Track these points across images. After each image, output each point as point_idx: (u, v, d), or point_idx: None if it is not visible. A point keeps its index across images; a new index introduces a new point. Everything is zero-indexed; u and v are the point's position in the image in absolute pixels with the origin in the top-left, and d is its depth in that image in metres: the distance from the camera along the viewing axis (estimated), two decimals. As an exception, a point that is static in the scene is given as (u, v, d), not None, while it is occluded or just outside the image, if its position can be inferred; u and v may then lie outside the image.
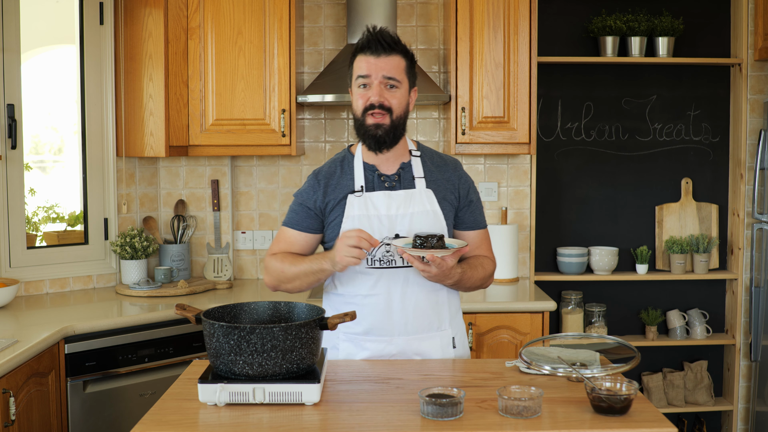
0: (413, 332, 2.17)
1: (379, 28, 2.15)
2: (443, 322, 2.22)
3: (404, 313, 2.15)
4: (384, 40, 2.12)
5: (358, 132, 2.17)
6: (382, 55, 2.12)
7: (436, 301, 2.19)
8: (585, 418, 1.70)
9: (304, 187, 2.24)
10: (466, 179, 2.27)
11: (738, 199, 3.74)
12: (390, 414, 1.74)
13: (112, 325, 2.91)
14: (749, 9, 3.61)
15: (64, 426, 2.76)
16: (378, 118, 2.11)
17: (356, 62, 2.16)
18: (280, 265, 2.17)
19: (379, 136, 2.13)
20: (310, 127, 3.80)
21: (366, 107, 2.12)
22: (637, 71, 3.81)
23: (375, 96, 2.11)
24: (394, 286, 2.15)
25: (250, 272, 3.84)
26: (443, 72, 3.71)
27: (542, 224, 3.83)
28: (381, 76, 2.11)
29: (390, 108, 2.12)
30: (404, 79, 2.15)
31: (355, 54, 2.17)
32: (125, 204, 3.60)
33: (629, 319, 3.89)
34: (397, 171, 2.21)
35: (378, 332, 2.16)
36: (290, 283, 2.18)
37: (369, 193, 2.16)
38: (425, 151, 2.28)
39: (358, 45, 2.16)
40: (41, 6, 3.46)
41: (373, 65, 2.12)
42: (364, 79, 2.13)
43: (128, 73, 3.44)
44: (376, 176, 2.19)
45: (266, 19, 3.41)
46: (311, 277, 2.14)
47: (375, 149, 2.16)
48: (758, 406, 3.67)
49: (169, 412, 1.76)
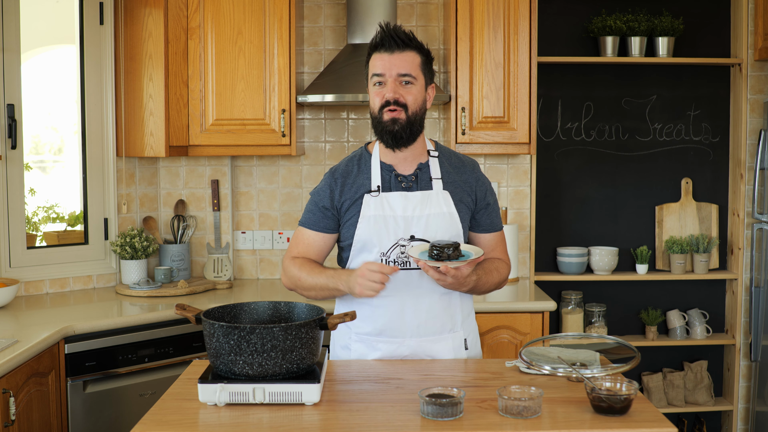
0: (425, 334, 2.17)
1: (393, 25, 2.13)
2: (456, 324, 2.21)
3: (417, 315, 2.15)
4: (398, 37, 2.10)
5: (376, 130, 2.15)
6: (396, 51, 2.10)
7: (449, 303, 2.18)
8: (585, 418, 1.71)
9: (321, 185, 2.22)
10: (484, 181, 2.25)
11: (738, 199, 3.74)
12: (390, 414, 1.74)
13: (112, 325, 2.91)
14: (749, 9, 3.61)
15: (64, 426, 2.76)
16: (393, 113, 2.09)
17: (371, 61, 2.15)
18: (297, 273, 2.17)
19: (395, 131, 2.10)
20: (310, 127, 3.80)
21: (382, 104, 2.11)
22: (637, 71, 3.81)
23: (390, 93, 2.09)
24: (408, 288, 2.14)
25: (250, 272, 3.84)
26: (443, 72, 3.71)
27: (542, 224, 3.83)
28: (395, 74, 2.09)
29: (405, 104, 2.10)
30: (419, 75, 2.13)
31: (370, 53, 2.16)
32: (125, 204, 3.60)
33: (629, 319, 3.89)
34: (414, 171, 2.19)
35: (390, 333, 2.16)
36: (306, 291, 2.20)
37: (385, 194, 2.14)
38: (443, 151, 2.25)
39: (372, 43, 2.14)
40: (41, 6, 3.46)
41: (387, 62, 2.10)
42: (379, 77, 2.11)
43: (128, 73, 3.44)
44: (393, 176, 2.17)
45: (266, 19, 3.41)
46: (326, 292, 2.15)
47: (392, 146, 2.13)
48: (758, 406, 3.67)
49: (169, 412, 1.76)
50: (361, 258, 2.15)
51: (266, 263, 3.83)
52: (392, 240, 2.12)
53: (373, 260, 2.13)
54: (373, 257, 2.13)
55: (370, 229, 2.12)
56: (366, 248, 2.14)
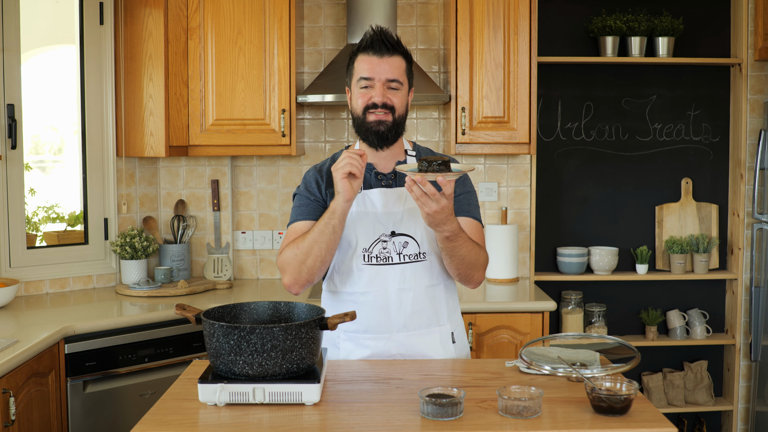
0: (412, 328, 2.18)
1: (381, 28, 2.16)
2: (441, 318, 2.22)
3: (402, 310, 2.16)
4: (388, 41, 2.14)
5: (358, 130, 2.18)
6: (385, 55, 2.13)
7: (433, 297, 2.19)
8: (585, 418, 1.70)
9: (307, 181, 2.25)
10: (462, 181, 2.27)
11: (738, 199, 3.74)
12: (390, 414, 1.74)
13: (112, 325, 2.91)
14: (749, 9, 3.61)
15: (64, 426, 2.76)
16: (380, 116, 2.14)
17: (358, 62, 2.17)
18: (293, 247, 2.11)
19: (381, 132, 2.14)
20: (310, 127, 3.80)
21: (368, 105, 2.14)
22: (637, 71, 3.81)
23: (378, 96, 2.13)
24: (391, 283, 2.15)
25: (250, 272, 3.84)
26: (443, 72, 3.71)
27: (542, 224, 3.83)
28: (384, 78, 2.13)
29: (393, 107, 2.14)
30: (405, 80, 2.18)
31: (356, 53, 2.18)
32: (125, 204, 3.60)
33: (629, 319, 3.89)
34: (393, 170, 2.22)
35: (377, 329, 2.17)
36: (309, 256, 2.09)
37: (366, 191, 2.18)
38: (420, 150, 2.31)
39: (360, 44, 2.17)
40: (41, 6, 3.46)
41: (376, 67, 2.13)
42: (367, 81, 2.14)
43: (128, 73, 3.44)
44: (373, 174, 2.21)
45: (266, 19, 3.41)
46: (326, 231, 2.06)
47: (377, 146, 2.17)
48: (758, 406, 3.67)
49: (169, 412, 1.76)
50: (344, 254, 2.17)
51: (266, 263, 3.83)
52: (374, 235, 2.14)
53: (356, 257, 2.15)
54: (356, 254, 2.15)
55: (353, 224, 2.15)
56: (349, 244, 2.16)
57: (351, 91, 2.20)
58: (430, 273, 2.18)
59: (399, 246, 2.15)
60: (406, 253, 2.15)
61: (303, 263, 2.09)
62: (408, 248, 2.15)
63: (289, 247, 2.13)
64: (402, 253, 2.15)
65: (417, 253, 2.16)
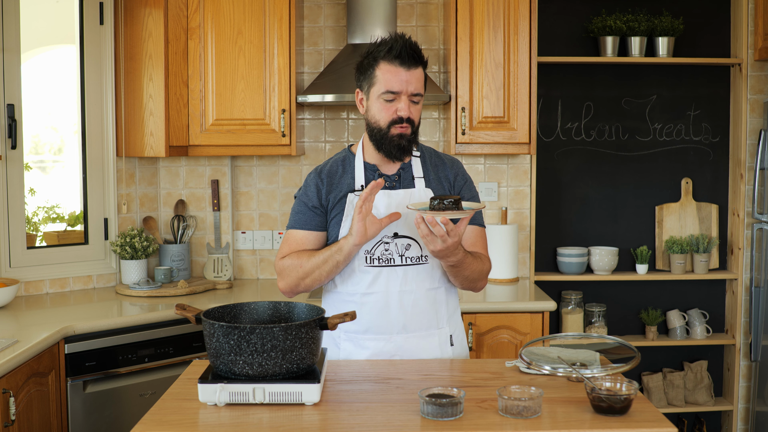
0: (411, 330, 2.18)
1: (409, 38, 2.14)
2: (441, 320, 2.22)
3: (402, 311, 2.16)
4: (415, 53, 2.12)
5: (380, 142, 2.16)
6: (412, 68, 2.12)
7: (434, 299, 2.20)
8: (585, 418, 1.70)
9: (307, 186, 2.24)
10: (463, 176, 2.29)
11: (738, 199, 3.74)
12: (390, 414, 1.74)
13: (112, 325, 2.91)
14: (749, 9, 3.61)
15: (64, 426, 2.76)
16: (403, 130, 2.14)
17: (382, 71, 2.12)
18: (297, 261, 2.16)
19: (404, 145, 2.15)
20: (310, 127, 3.80)
21: (393, 120, 2.13)
22: (637, 71, 3.81)
23: (404, 111, 2.13)
24: (393, 285, 2.15)
25: (250, 272, 3.84)
26: (443, 72, 3.71)
27: (542, 224, 3.83)
28: (410, 92, 2.13)
29: (413, 120, 2.16)
30: (423, 92, 2.19)
31: (378, 58, 2.13)
32: (125, 204, 3.60)
33: (629, 319, 3.89)
34: (397, 171, 2.23)
35: (376, 330, 2.17)
36: (309, 276, 2.15)
37: None
38: (425, 151, 2.30)
39: (384, 50, 2.11)
40: (41, 6, 3.46)
41: (404, 80, 2.11)
42: (393, 94, 2.12)
43: (128, 73, 3.44)
44: (377, 176, 2.21)
45: (266, 19, 3.41)
46: (330, 262, 2.11)
47: (400, 158, 2.18)
48: (758, 406, 3.67)
49: (169, 412, 1.76)
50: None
51: (266, 263, 3.83)
52: (377, 237, 2.13)
53: (358, 258, 2.15)
54: (358, 255, 2.15)
55: None
56: None
57: (368, 98, 2.17)
58: (432, 276, 2.19)
59: (401, 248, 2.15)
60: (409, 256, 2.15)
61: (302, 279, 2.17)
62: (410, 250, 2.15)
63: (291, 258, 2.18)
64: (404, 255, 2.15)
65: (419, 255, 2.16)
